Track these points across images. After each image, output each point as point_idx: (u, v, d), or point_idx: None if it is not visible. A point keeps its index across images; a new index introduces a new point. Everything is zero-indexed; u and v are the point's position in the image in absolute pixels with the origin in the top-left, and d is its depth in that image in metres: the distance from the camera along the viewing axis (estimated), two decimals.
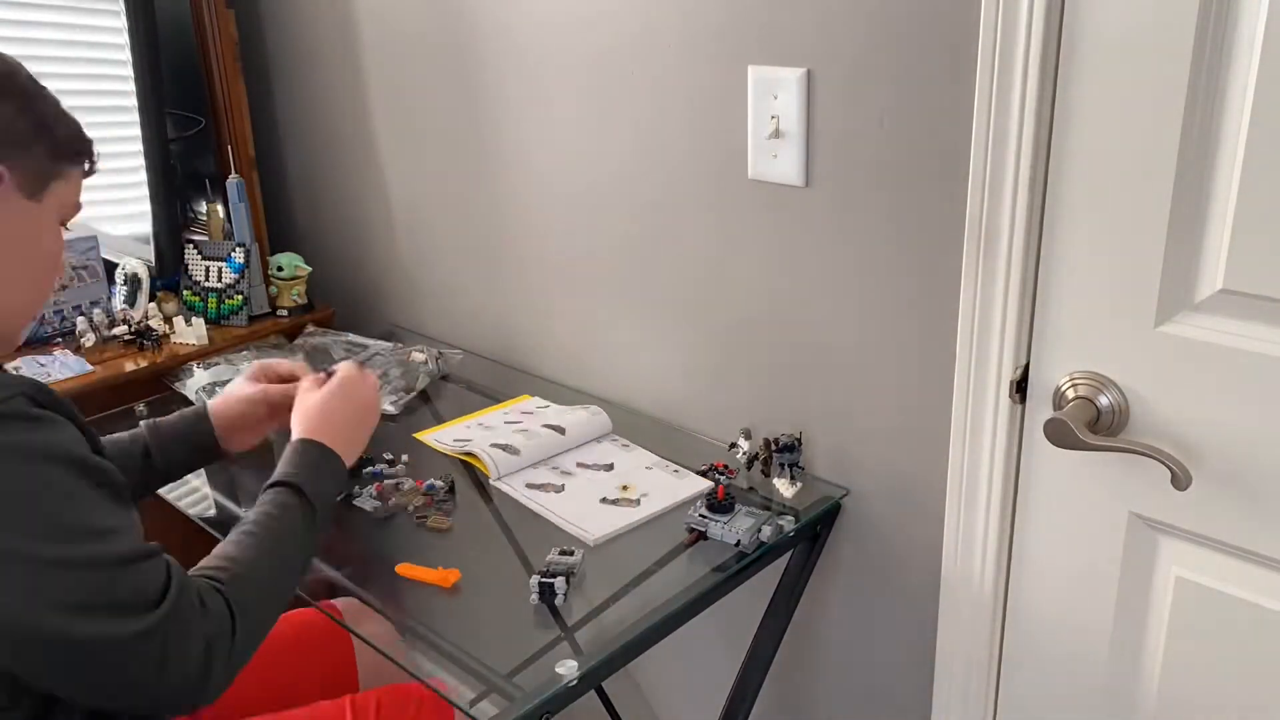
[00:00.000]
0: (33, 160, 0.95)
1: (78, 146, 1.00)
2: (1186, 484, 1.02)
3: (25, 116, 0.94)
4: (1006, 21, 1.03)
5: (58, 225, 1.01)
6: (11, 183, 0.93)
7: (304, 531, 1.04)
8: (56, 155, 0.97)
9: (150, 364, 1.80)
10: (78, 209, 1.03)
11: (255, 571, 0.97)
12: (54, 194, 0.98)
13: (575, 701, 1.07)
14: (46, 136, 0.96)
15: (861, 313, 1.28)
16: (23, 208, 0.95)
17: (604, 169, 1.53)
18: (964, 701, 1.32)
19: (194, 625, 0.88)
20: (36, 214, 0.96)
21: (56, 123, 0.97)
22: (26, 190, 0.95)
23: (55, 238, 1.00)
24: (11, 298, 0.98)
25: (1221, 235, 0.98)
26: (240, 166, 2.00)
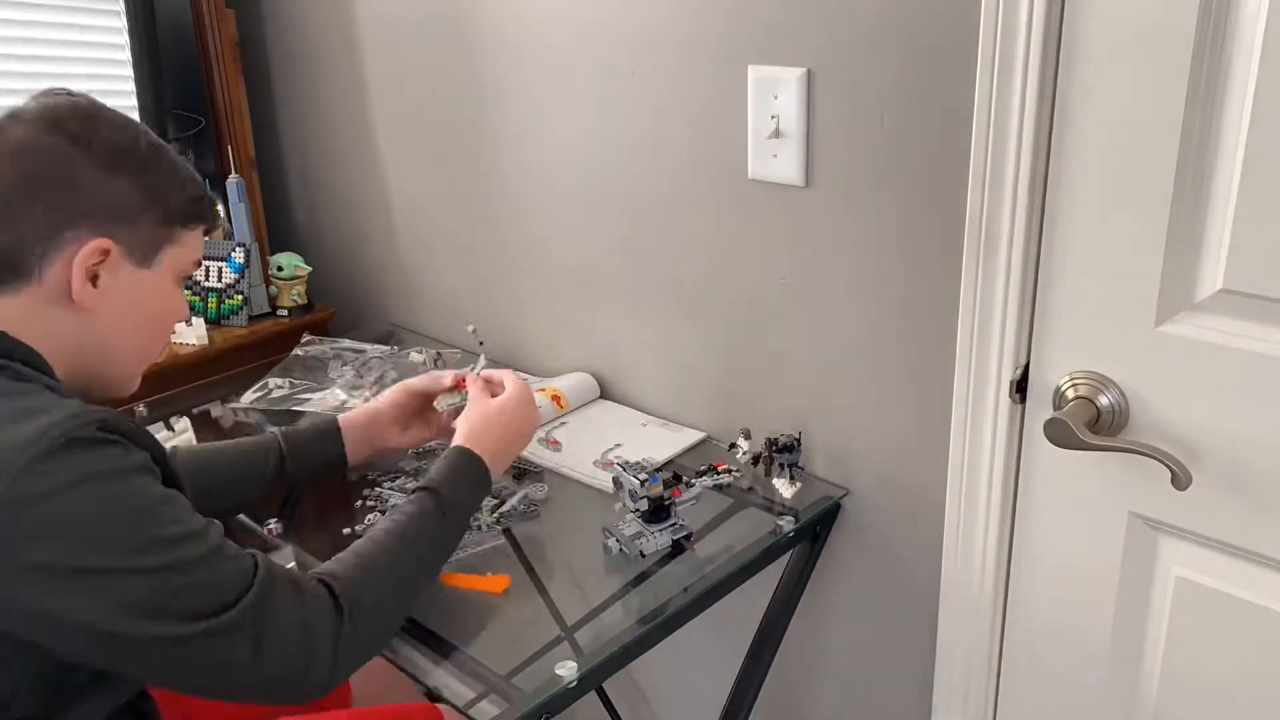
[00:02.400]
0: (143, 230, 0.96)
1: (194, 211, 1.01)
2: (1186, 484, 1.02)
3: (138, 190, 0.95)
4: (1006, 21, 1.03)
5: (173, 286, 1.03)
6: (119, 253, 0.95)
7: (435, 536, 1.06)
8: (169, 222, 0.99)
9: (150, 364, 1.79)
10: (199, 265, 1.05)
11: (373, 568, 0.98)
12: (167, 258, 1.00)
13: (575, 702, 1.07)
14: (159, 206, 0.97)
15: (861, 312, 1.28)
16: (133, 275, 0.97)
17: (604, 169, 1.53)
18: (964, 701, 1.32)
19: (287, 612, 0.88)
20: (148, 279, 0.99)
21: (171, 190, 0.98)
22: (136, 259, 0.97)
23: (169, 298, 1.02)
24: (120, 354, 1.00)
25: (1221, 235, 0.98)
26: (240, 166, 2.00)
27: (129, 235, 0.95)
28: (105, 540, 0.82)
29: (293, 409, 1.65)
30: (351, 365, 1.76)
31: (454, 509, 1.09)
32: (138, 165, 0.96)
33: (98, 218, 0.93)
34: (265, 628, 0.87)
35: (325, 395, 1.68)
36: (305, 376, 1.76)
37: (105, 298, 0.95)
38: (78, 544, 0.81)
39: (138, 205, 0.95)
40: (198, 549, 0.86)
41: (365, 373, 1.72)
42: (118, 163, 0.94)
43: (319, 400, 1.66)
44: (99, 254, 0.93)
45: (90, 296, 0.94)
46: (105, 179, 0.94)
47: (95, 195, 0.93)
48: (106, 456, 0.84)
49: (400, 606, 1.02)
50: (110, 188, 0.94)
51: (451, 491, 1.10)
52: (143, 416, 1.65)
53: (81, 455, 0.82)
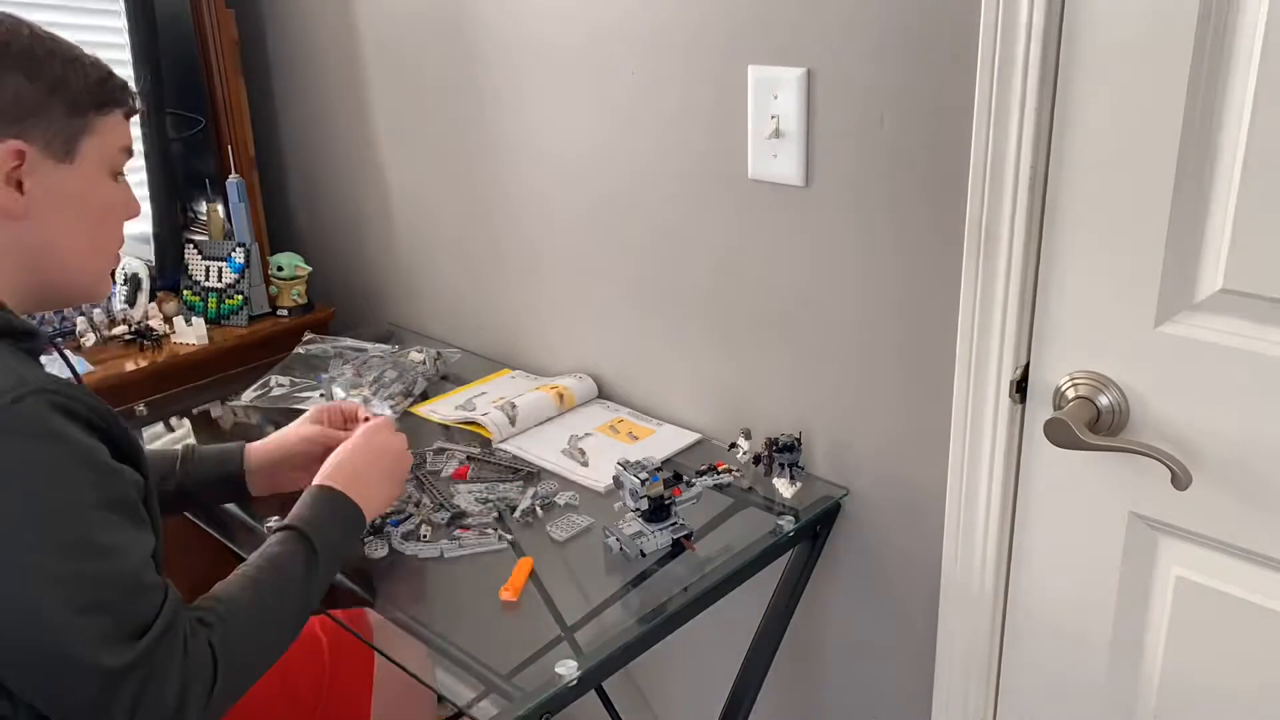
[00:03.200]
0: (54, 124, 0.93)
1: (102, 95, 0.97)
2: (1186, 484, 1.02)
3: (35, 82, 0.91)
4: (1006, 21, 1.03)
5: (105, 176, 0.99)
6: (35, 153, 0.92)
7: (305, 580, 1.02)
8: (78, 110, 0.95)
9: (150, 364, 1.80)
10: (128, 153, 1.01)
11: (247, 618, 0.95)
12: (88, 150, 0.96)
13: (575, 701, 1.07)
14: (61, 95, 0.93)
15: (861, 312, 1.28)
16: (58, 172, 0.94)
17: (603, 169, 1.53)
18: (964, 701, 1.32)
19: (172, 667, 0.85)
20: (75, 175, 0.95)
21: (71, 77, 0.94)
22: (56, 155, 0.93)
23: (104, 190, 0.99)
24: (73, 255, 0.97)
25: (1221, 235, 0.98)
26: (240, 166, 2.00)
27: (40, 132, 0.92)
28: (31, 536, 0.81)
29: (292, 407, 1.65)
30: (352, 364, 1.76)
31: (324, 549, 1.04)
32: (25, 58, 0.91)
33: (1, 121, 0.90)
34: (147, 685, 0.84)
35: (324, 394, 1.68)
36: (306, 375, 1.76)
37: (35, 202, 0.92)
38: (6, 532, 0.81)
39: (38, 99, 0.91)
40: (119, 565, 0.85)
41: (365, 372, 1.72)
42: (5, 60, 0.90)
43: (318, 399, 1.66)
44: (15, 156, 0.90)
45: (18, 203, 0.91)
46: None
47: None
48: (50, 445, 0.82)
49: (268, 659, 0.98)
50: (3, 87, 0.90)
51: (320, 533, 1.05)
52: (142, 416, 1.65)
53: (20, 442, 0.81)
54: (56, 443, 0.83)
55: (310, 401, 1.66)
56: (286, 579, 1.01)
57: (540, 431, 1.55)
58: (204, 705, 0.88)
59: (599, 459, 1.45)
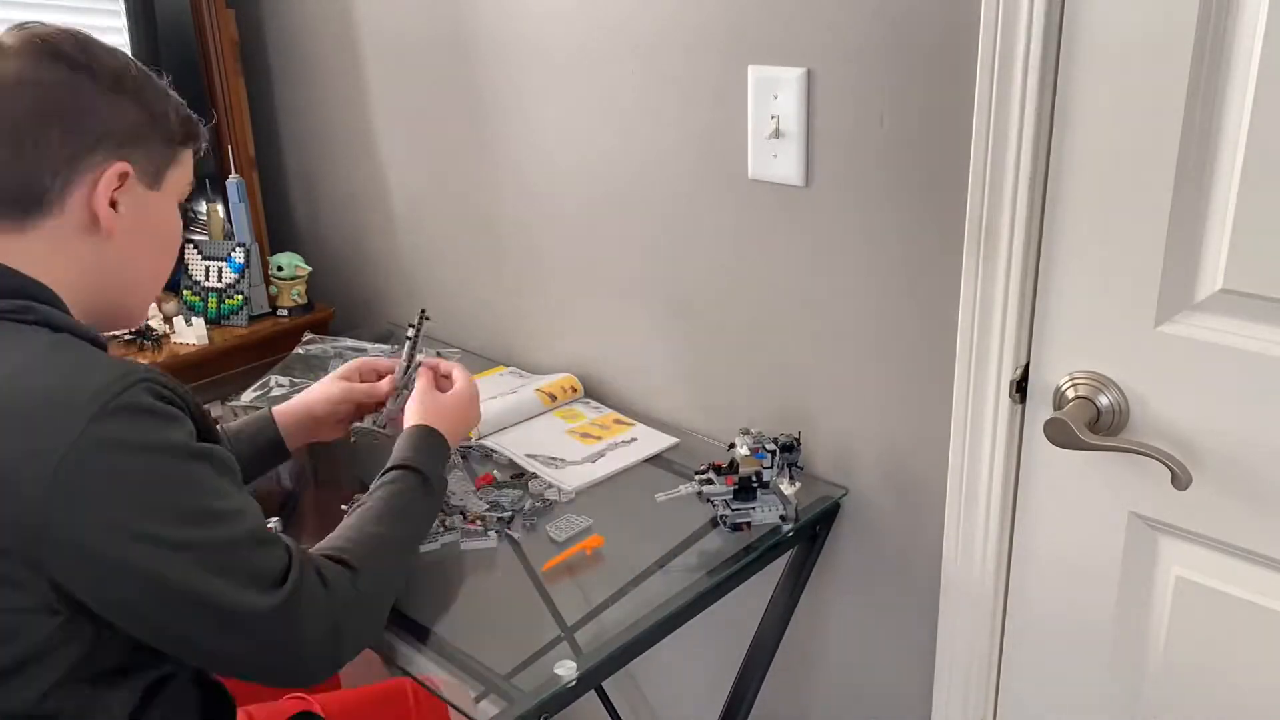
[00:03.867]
0: (152, 151, 0.97)
1: (189, 129, 1.02)
2: (1186, 484, 1.02)
3: (143, 110, 0.96)
4: (1006, 21, 1.03)
5: (176, 206, 1.04)
6: (134, 176, 0.95)
7: (425, 511, 1.11)
8: (170, 141, 1.00)
9: (150, 364, 1.79)
10: (191, 186, 1.06)
11: (380, 549, 1.01)
12: (171, 179, 1.01)
13: (575, 701, 1.07)
14: (161, 126, 0.98)
15: (861, 312, 1.28)
16: (146, 198, 0.98)
17: (603, 169, 1.53)
18: (964, 701, 1.32)
19: (319, 604, 0.90)
20: (158, 201, 1.00)
21: (167, 109, 0.99)
22: (147, 181, 0.98)
23: (174, 219, 1.04)
24: (139, 279, 1.02)
25: (1221, 235, 0.98)
26: (240, 166, 2.00)
27: (141, 157, 0.96)
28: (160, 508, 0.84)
29: None
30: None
31: (437, 482, 1.13)
32: (136, 87, 0.96)
33: (112, 141, 0.94)
34: (298, 624, 0.88)
35: None
36: (306, 375, 1.76)
37: (123, 222, 0.96)
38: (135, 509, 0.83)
39: (145, 126, 0.96)
40: (241, 527, 0.88)
41: None
42: (120, 85, 0.95)
43: None
44: (119, 177, 0.94)
45: (113, 221, 0.95)
46: (113, 102, 0.94)
47: (107, 119, 0.93)
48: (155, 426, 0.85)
49: (399, 585, 1.05)
50: (118, 110, 0.94)
51: (430, 467, 1.13)
52: None
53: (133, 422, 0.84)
54: (168, 423, 0.86)
55: None
56: (410, 511, 1.08)
57: (525, 429, 1.56)
58: (355, 634, 0.94)
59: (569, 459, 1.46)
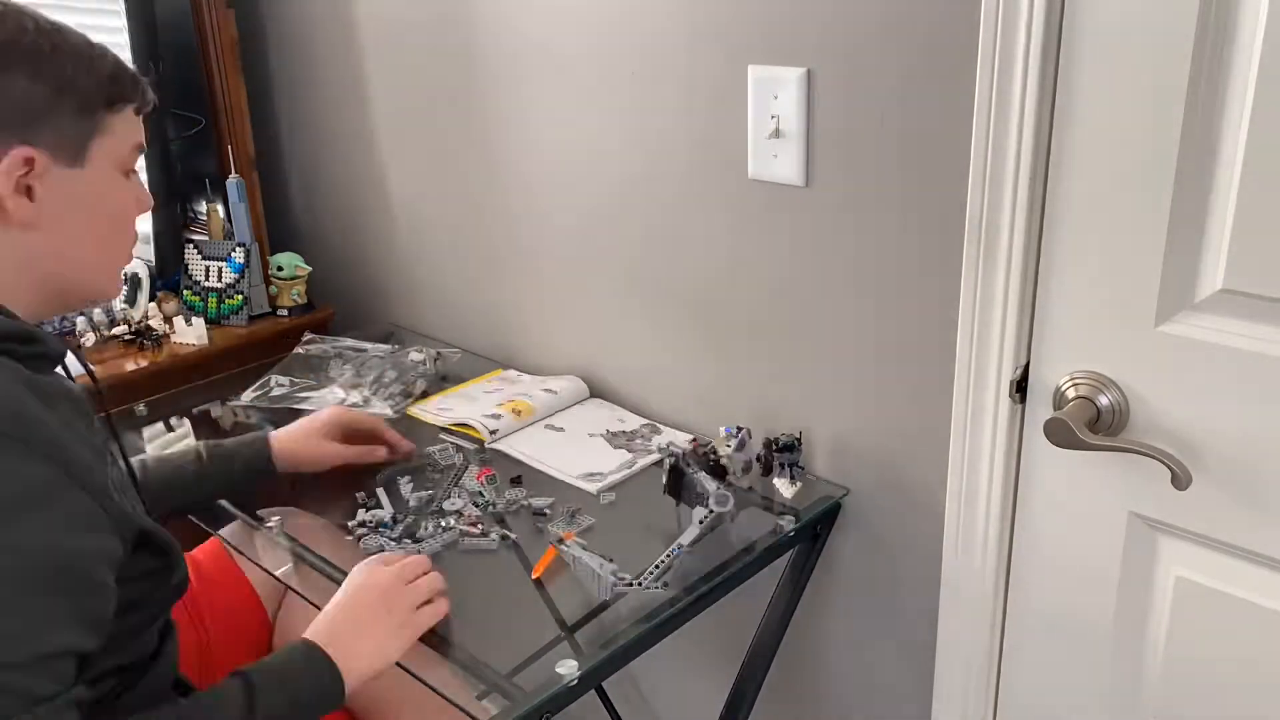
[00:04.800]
0: (62, 126, 0.88)
1: (112, 92, 0.92)
2: (1186, 484, 1.02)
3: (40, 82, 0.86)
4: (1006, 21, 1.03)
5: (117, 176, 0.94)
6: (45, 158, 0.87)
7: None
8: (88, 110, 0.90)
9: (150, 364, 1.80)
10: (140, 149, 0.96)
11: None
12: (100, 150, 0.91)
13: (575, 701, 1.07)
14: (70, 95, 0.88)
15: (861, 312, 1.28)
16: (68, 177, 0.89)
17: (603, 169, 1.53)
18: (964, 700, 1.32)
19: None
20: (85, 179, 0.90)
21: (78, 74, 0.89)
22: (66, 159, 0.89)
23: (116, 191, 0.94)
24: (86, 260, 0.94)
25: (1221, 235, 0.98)
26: (240, 166, 2.00)
27: (48, 135, 0.87)
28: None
29: (292, 407, 1.65)
30: (351, 364, 1.76)
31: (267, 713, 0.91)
32: (31, 56, 0.86)
33: (8, 126, 0.85)
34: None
35: (324, 394, 1.68)
36: (306, 375, 1.76)
37: (45, 208, 0.88)
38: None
39: (45, 100, 0.86)
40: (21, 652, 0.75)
41: (365, 372, 1.72)
42: (9, 59, 0.85)
43: (318, 399, 1.66)
44: (23, 164, 0.86)
45: (28, 210, 0.87)
46: (3, 80, 0.85)
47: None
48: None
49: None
50: (10, 88, 0.85)
51: (269, 694, 0.92)
52: (142, 416, 1.65)
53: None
54: None
55: (311, 401, 1.66)
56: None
57: (533, 432, 1.56)
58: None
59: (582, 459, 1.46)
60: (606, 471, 1.42)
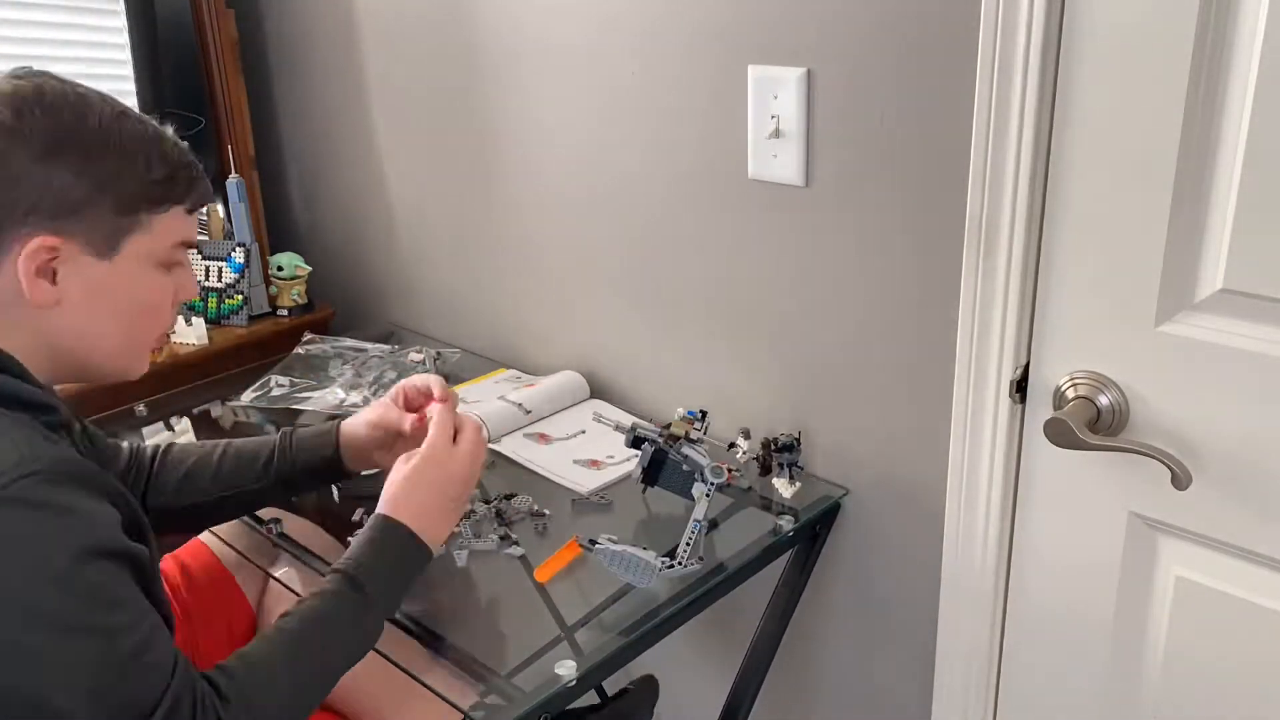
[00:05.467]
0: (96, 221, 0.89)
1: (160, 193, 0.93)
2: (1186, 484, 1.02)
3: (84, 178, 0.88)
4: (1006, 21, 1.03)
5: (149, 270, 0.95)
6: (73, 249, 0.88)
7: (350, 631, 0.96)
8: (128, 210, 0.91)
9: (150, 364, 1.79)
10: (187, 246, 0.97)
11: (272, 684, 0.90)
12: (134, 246, 0.92)
13: (574, 701, 1.07)
14: (110, 194, 0.89)
15: (861, 312, 1.28)
16: (95, 268, 0.90)
17: (603, 169, 1.53)
18: (964, 701, 1.32)
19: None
20: (112, 271, 0.92)
21: (125, 175, 0.90)
22: (94, 251, 0.90)
23: (144, 284, 0.95)
24: (105, 346, 0.95)
25: (1221, 235, 0.98)
26: (240, 166, 2.00)
27: (80, 228, 0.88)
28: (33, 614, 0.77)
29: (292, 407, 1.65)
30: (351, 364, 1.76)
31: (378, 594, 0.98)
32: (80, 152, 0.88)
33: (41, 214, 0.87)
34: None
35: (324, 394, 1.68)
36: (306, 375, 1.76)
37: (66, 293, 0.89)
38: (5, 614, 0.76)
39: (83, 196, 0.88)
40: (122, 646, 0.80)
41: (365, 372, 1.72)
42: (57, 151, 0.87)
43: (318, 399, 1.66)
44: (45, 251, 0.87)
45: (48, 293, 0.88)
46: (43, 171, 0.86)
47: (34, 190, 0.86)
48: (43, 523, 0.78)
49: (300, 714, 0.93)
50: (51, 180, 0.86)
51: (374, 576, 0.98)
52: (142, 416, 1.65)
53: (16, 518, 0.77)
54: (63, 518, 0.80)
55: (311, 401, 1.66)
56: (327, 632, 0.95)
57: (531, 432, 1.55)
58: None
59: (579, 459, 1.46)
60: (603, 472, 1.42)
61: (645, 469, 1.30)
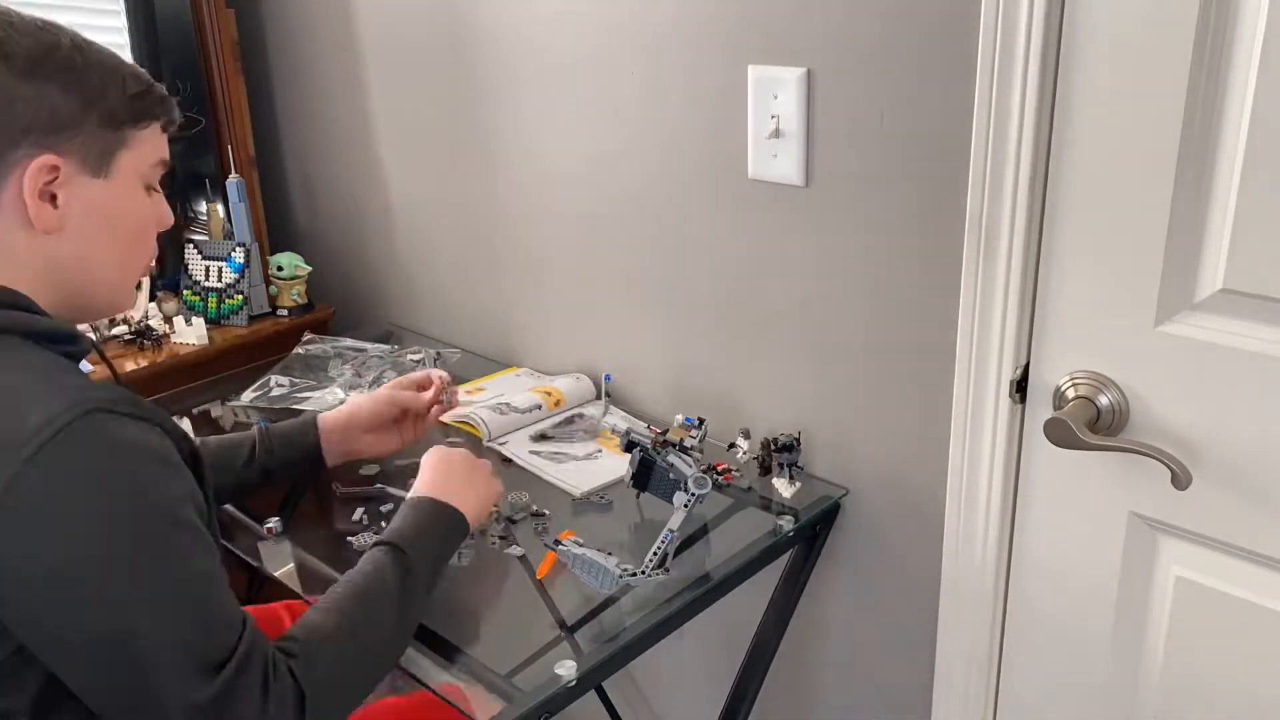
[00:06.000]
0: (88, 138, 0.90)
1: (139, 108, 0.93)
2: (1186, 484, 1.02)
3: (70, 94, 0.88)
4: (1006, 21, 1.03)
5: (139, 190, 0.96)
6: (71, 168, 0.89)
7: (400, 597, 0.98)
8: (114, 123, 0.91)
9: (150, 364, 1.80)
10: (164, 166, 0.98)
11: (335, 645, 0.92)
12: (124, 164, 0.93)
13: (575, 701, 1.07)
14: (97, 108, 0.90)
15: (861, 312, 1.28)
16: (91, 187, 0.91)
17: (603, 169, 1.53)
18: (964, 700, 1.32)
19: (252, 701, 0.81)
20: (109, 190, 0.92)
21: (108, 88, 0.91)
22: (90, 169, 0.91)
23: (137, 205, 0.96)
24: (102, 272, 0.95)
25: (1221, 235, 0.98)
26: (240, 166, 2.00)
27: (75, 146, 0.89)
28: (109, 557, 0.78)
29: (292, 407, 1.65)
30: (351, 364, 1.76)
31: (422, 564, 1.02)
32: (64, 68, 0.88)
33: (36, 132, 0.87)
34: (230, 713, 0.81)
35: (324, 394, 1.68)
36: (306, 375, 1.76)
37: (68, 216, 0.90)
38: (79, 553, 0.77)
39: (74, 111, 0.88)
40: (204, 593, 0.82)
41: (365, 372, 1.72)
42: (41, 69, 0.87)
43: (318, 399, 1.66)
44: (48, 171, 0.87)
45: (51, 217, 0.88)
46: (32, 89, 0.86)
47: (26, 109, 0.86)
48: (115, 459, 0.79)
49: (362, 686, 0.95)
50: (40, 97, 0.86)
51: (418, 547, 1.03)
52: None
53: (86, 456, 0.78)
54: (132, 452, 0.80)
55: (310, 401, 1.66)
56: (379, 599, 0.97)
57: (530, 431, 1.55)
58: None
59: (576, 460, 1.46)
60: (600, 473, 1.41)
61: (635, 474, 1.31)
